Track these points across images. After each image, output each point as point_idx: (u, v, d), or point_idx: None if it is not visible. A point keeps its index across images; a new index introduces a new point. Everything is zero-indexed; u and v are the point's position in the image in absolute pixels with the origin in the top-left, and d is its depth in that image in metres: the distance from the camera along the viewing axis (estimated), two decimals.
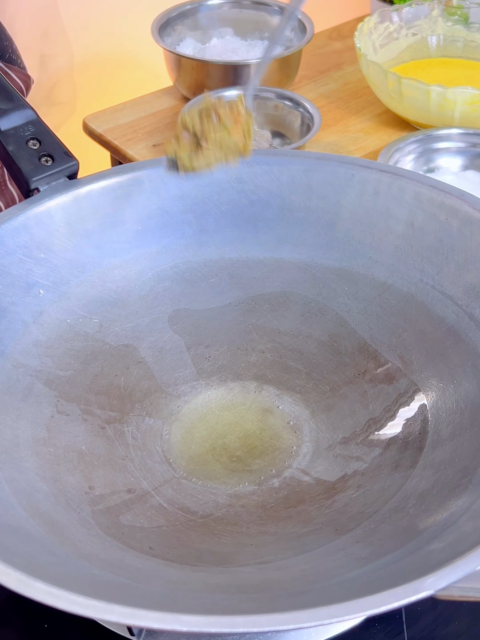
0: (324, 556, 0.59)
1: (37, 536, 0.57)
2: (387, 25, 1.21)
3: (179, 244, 0.76)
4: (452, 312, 0.70)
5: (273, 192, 0.77)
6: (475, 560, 0.49)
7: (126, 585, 0.54)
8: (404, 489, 0.63)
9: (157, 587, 0.55)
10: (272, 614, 0.47)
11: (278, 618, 0.47)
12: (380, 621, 0.65)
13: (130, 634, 0.62)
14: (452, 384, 0.68)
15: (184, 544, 0.61)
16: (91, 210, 0.74)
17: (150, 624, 0.47)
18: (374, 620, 0.65)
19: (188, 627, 0.46)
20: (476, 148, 1.06)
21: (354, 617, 0.48)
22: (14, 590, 0.48)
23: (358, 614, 0.47)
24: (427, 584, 0.48)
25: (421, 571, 0.49)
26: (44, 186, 0.71)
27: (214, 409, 0.72)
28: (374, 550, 0.58)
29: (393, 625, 0.65)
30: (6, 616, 0.67)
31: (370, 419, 0.69)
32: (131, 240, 0.75)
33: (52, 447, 0.65)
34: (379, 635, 0.64)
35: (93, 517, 0.61)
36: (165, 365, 0.74)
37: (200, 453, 0.69)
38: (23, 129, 0.71)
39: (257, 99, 1.14)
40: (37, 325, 0.70)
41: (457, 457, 0.63)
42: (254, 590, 0.56)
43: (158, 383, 0.73)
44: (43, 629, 0.65)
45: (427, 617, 0.66)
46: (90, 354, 0.72)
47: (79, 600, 0.47)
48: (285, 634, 0.62)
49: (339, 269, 0.75)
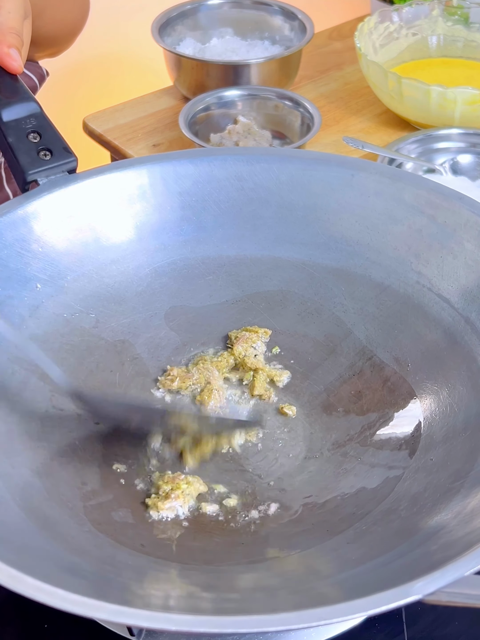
0: (315, 557, 0.59)
1: (29, 531, 0.57)
2: (387, 25, 1.21)
3: (177, 241, 0.76)
4: (449, 315, 0.70)
5: (272, 190, 0.77)
6: (465, 566, 0.49)
7: (117, 583, 0.54)
8: (396, 490, 0.63)
9: (148, 585, 0.55)
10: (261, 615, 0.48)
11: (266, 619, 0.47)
12: (380, 621, 0.65)
13: (130, 634, 0.62)
14: (446, 387, 0.68)
15: (175, 542, 0.61)
16: (89, 204, 0.74)
17: (140, 622, 0.47)
18: (374, 620, 0.65)
19: (177, 626, 0.46)
20: (476, 148, 1.07)
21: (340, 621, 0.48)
22: (4, 585, 0.48)
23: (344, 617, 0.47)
24: (415, 589, 0.48)
25: (410, 575, 0.49)
26: (43, 179, 0.71)
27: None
28: (365, 552, 0.58)
29: (393, 625, 0.65)
30: (6, 616, 0.67)
31: (365, 419, 0.69)
32: (129, 235, 0.75)
33: (45, 441, 0.65)
34: (379, 636, 0.64)
35: (85, 513, 0.61)
36: (160, 362, 0.74)
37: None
38: (25, 121, 0.71)
39: (257, 99, 1.14)
40: (34, 319, 0.70)
41: (450, 460, 0.63)
42: (244, 589, 0.56)
43: (153, 379, 0.73)
44: (43, 629, 0.65)
45: (427, 618, 0.66)
46: (86, 349, 0.72)
47: (70, 597, 0.47)
48: (285, 634, 0.62)
49: (337, 269, 0.75)
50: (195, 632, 0.47)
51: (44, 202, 0.71)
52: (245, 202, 0.77)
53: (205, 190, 0.76)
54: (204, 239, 0.77)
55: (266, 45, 1.24)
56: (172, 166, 0.76)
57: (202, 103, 1.12)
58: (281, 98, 1.14)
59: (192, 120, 1.10)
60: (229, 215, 0.77)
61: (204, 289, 0.76)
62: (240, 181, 0.76)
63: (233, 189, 0.76)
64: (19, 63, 0.70)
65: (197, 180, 0.76)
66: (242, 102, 1.14)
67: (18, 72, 0.71)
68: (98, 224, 0.74)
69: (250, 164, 0.76)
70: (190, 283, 0.76)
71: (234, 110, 1.14)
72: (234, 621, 0.47)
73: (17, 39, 0.71)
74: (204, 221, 0.76)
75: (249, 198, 0.77)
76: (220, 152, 0.80)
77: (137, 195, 0.75)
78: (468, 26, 1.23)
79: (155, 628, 0.53)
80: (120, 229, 0.75)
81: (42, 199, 0.71)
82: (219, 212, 0.76)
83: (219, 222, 0.77)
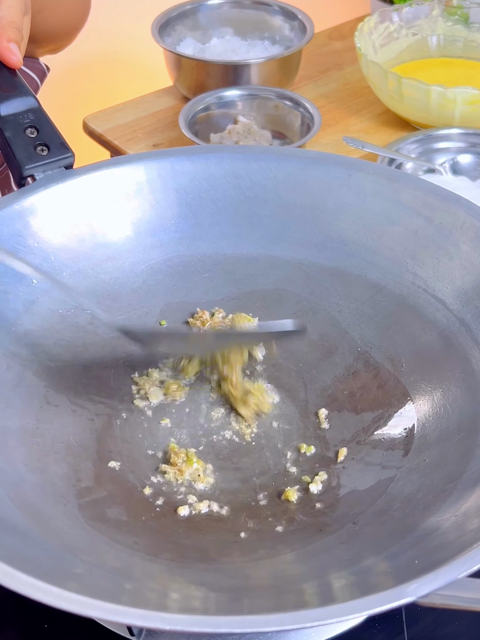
0: (307, 556, 0.59)
1: (22, 527, 0.57)
2: (387, 25, 1.22)
3: (174, 238, 0.76)
4: (443, 316, 0.70)
5: (269, 189, 0.77)
6: (458, 568, 0.49)
7: (111, 580, 0.54)
8: (389, 491, 0.63)
9: (141, 583, 0.55)
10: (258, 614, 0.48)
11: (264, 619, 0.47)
12: (380, 621, 0.65)
13: (131, 634, 0.62)
14: (440, 388, 0.68)
15: (168, 540, 0.61)
16: (86, 200, 0.74)
17: (134, 621, 0.47)
18: (374, 620, 0.65)
19: (171, 625, 0.46)
20: (476, 148, 1.07)
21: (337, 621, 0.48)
22: None
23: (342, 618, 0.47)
24: (408, 591, 0.48)
25: (404, 577, 0.49)
26: (39, 175, 0.71)
27: (203, 405, 0.72)
28: (357, 553, 0.58)
29: (393, 625, 0.65)
30: (6, 616, 0.66)
31: (359, 420, 0.69)
32: (125, 232, 0.75)
33: (40, 437, 0.65)
34: (379, 636, 0.64)
35: (79, 510, 0.61)
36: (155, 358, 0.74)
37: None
38: (23, 116, 0.71)
39: (257, 99, 1.14)
40: (29, 314, 0.70)
41: (443, 461, 0.63)
42: (237, 588, 0.56)
43: (147, 376, 0.73)
44: (43, 629, 0.65)
45: (427, 618, 0.66)
46: (81, 345, 0.72)
47: (65, 595, 0.47)
48: (285, 634, 0.62)
49: (333, 269, 0.75)
50: (190, 632, 0.47)
51: (40, 198, 0.71)
52: (242, 200, 0.77)
53: (202, 187, 0.76)
54: (200, 236, 0.77)
55: (266, 45, 1.24)
56: (169, 163, 0.76)
57: (202, 103, 1.13)
58: (281, 98, 1.14)
59: (192, 120, 1.10)
60: (226, 213, 0.77)
61: (200, 287, 0.76)
62: (237, 179, 0.76)
63: (230, 187, 0.76)
64: (18, 57, 0.70)
65: (194, 178, 0.76)
66: (242, 102, 1.14)
67: (17, 67, 0.72)
68: (94, 220, 0.74)
69: (247, 162, 0.76)
70: (186, 280, 0.76)
71: (234, 110, 1.14)
72: (230, 621, 0.47)
73: (17, 34, 0.71)
74: (201, 218, 0.76)
75: (246, 196, 0.77)
76: (217, 150, 0.80)
77: (134, 191, 0.75)
78: (468, 26, 1.24)
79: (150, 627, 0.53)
80: (117, 225, 0.75)
81: (39, 194, 0.71)
82: (215, 210, 0.76)
83: (215, 220, 0.77)
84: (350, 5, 1.52)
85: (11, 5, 0.71)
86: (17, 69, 0.72)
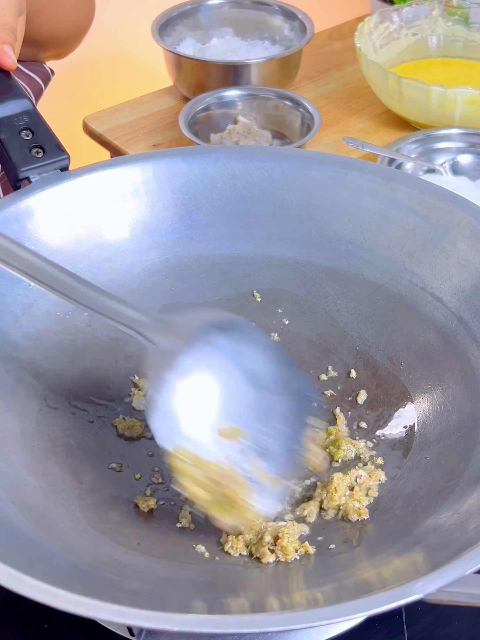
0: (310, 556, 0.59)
1: (25, 530, 0.57)
2: (387, 25, 1.22)
3: (170, 239, 0.76)
4: (441, 314, 0.70)
5: (265, 189, 0.76)
6: (465, 565, 0.49)
7: (115, 582, 0.54)
8: (390, 489, 0.63)
9: (146, 585, 0.55)
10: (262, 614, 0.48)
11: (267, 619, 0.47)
12: (380, 621, 0.64)
13: (131, 634, 0.61)
14: (440, 386, 0.68)
15: (171, 540, 0.61)
16: (82, 202, 0.74)
17: (142, 623, 0.47)
18: (374, 620, 0.64)
19: (179, 626, 0.46)
20: (476, 148, 1.07)
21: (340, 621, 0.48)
22: (4, 586, 0.48)
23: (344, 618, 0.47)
24: (415, 588, 0.47)
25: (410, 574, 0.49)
26: (35, 177, 0.71)
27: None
28: (361, 551, 0.58)
29: (393, 625, 0.65)
30: (6, 616, 0.66)
31: (358, 419, 0.69)
32: (122, 233, 0.75)
33: (40, 440, 0.65)
34: (379, 636, 0.64)
35: (81, 512, 0.61)
36: None
37: None
38: (17, 118, 0.71)
39: (257, 99, 1.15)
40: (27, 317, 0.70)
41: (444, 459, 0.63)
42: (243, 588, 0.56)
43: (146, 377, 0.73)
44: (43, 629, 0.65)
45: (427, 618, 0.66)
46: (79, 347, 0.72)
47: (71, 597, 0.47)
48: (285, 634, 0.62)
49: (330, 268, 0.75)
50: (196, 632, 0.47)
51: (36, 200, 0.71)
52: (239, 200, 0.76)
53: (198, 188, 0.76)
54: (197, 237, 0.76)
55: (266, 45, 1.24)
56: (165, 164, 0.76)
57: (202, 103, 1.13)
58: (281, 98, 1.14)
59: (192, 120, 1.11)
60: (222, 214, 0.76)
61: (197, 287, 0.76)
62: (233, 179, 0.76)
63: (226, 187, 0.76)
64: (12, 59, 0.71)
65: (190, 178, 0.76)
66: (242, 102, 1.15)
67: (11, 69, 0.72)
68: (91, 221, 0.74)
69: (243, 162, 0.76)
70: (183, 281, 0.76)
71: (234, 110, 1.14)
72: (235, 621, 0.47)
73: (11, 35, 0.71)
74: (197, 219, 0.76)
75: (242, 196, 0.76)
76: (213, 150, 0.80)
77: (130, 193, 0.75)
78: (468, 26, 1.23)
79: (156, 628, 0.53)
80: (113, 226, 0.75)
81: (35, 197, 0.71)
82: (212, 211, 0.76)
83: (212, 221, 0.76)
84: (350, 5, 1.52)
85: (5, 7, 0.71)
86: (11, 70, 0.72)
